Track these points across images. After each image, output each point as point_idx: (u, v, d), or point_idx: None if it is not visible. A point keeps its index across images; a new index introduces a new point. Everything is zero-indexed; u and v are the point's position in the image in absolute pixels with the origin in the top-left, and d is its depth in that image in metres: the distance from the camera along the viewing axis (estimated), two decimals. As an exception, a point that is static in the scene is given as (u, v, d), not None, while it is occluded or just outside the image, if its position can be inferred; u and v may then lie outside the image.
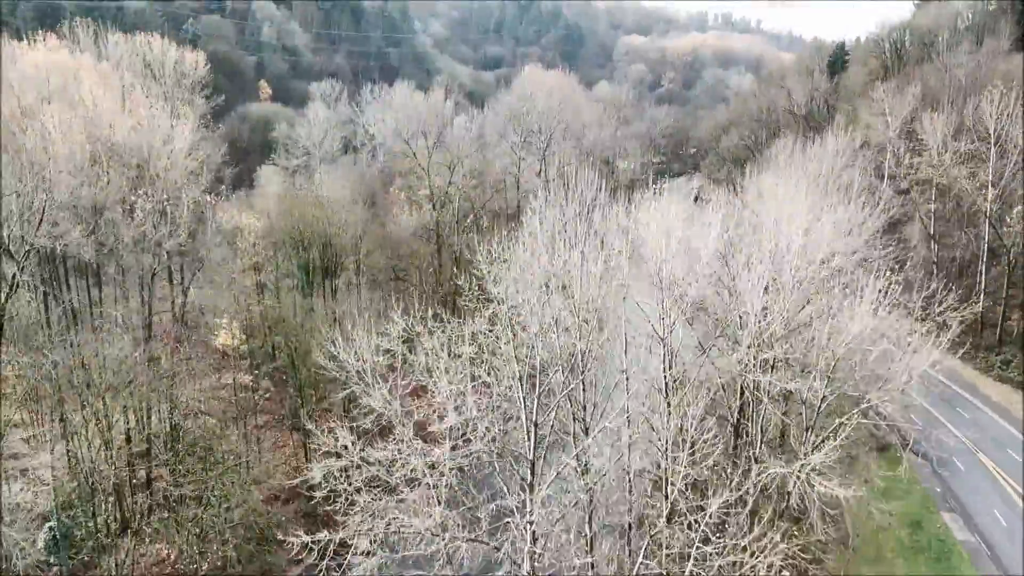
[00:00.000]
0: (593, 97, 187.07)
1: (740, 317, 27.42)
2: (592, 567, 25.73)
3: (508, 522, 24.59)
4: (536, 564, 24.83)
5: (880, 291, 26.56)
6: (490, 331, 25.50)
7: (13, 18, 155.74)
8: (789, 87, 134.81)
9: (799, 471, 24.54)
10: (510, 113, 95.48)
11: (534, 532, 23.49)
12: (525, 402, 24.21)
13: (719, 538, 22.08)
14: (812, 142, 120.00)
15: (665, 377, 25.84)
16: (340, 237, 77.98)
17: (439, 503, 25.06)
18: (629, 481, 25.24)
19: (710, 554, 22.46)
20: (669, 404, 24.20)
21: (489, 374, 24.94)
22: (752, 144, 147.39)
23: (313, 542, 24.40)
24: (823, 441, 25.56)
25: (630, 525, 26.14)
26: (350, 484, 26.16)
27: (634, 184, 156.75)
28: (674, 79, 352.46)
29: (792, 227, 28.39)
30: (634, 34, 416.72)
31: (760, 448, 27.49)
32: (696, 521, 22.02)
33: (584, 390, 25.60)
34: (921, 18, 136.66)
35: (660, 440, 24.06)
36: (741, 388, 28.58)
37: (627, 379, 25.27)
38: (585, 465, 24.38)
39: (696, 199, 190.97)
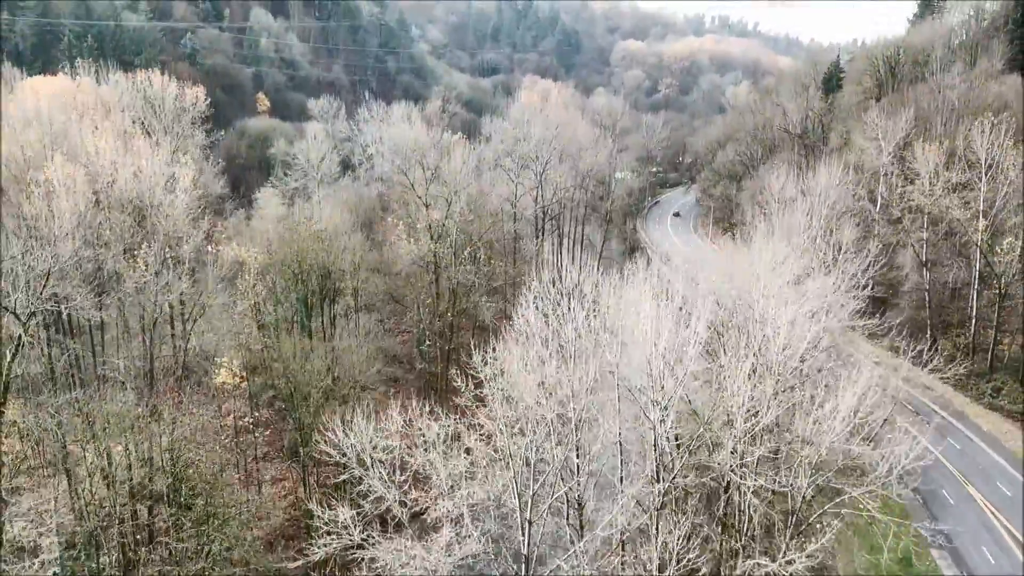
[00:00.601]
0: (590, 108, 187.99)
1: (726, 415, 28.30)
2: None
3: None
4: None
5: (859, 392, 27.41)
6: (489, 420, 26.31)
7: (12, 34, 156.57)
8: (784, 105, 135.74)
9: (783, 568, 25.48)
10: (507, 141, 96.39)
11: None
12: (520, 500, 25.12)
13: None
14: (806, 167, 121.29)
15: (654, 486, 26.72)
16: (339, 263, 79.01)
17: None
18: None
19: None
20: (657, 526, 25.10)
21: (486, 476, 25.77)
22: (748, 160, 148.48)
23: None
24: (807, 527, 26.41)
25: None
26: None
27: (629, 210, 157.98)
28: (671, 85, 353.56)
29: (778, 312, 29.25)
30: (631, 39, 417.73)
31: (746, 538, 28.36)
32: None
33: (580, 495, 26.49)
34: (915, 35, 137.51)
35: (648, 559, 24.94)
36: (728, 482, 29.43)
37: (621, 490, 26.17)
38: (578, 568, 25.27)
39: (697, 201, 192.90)
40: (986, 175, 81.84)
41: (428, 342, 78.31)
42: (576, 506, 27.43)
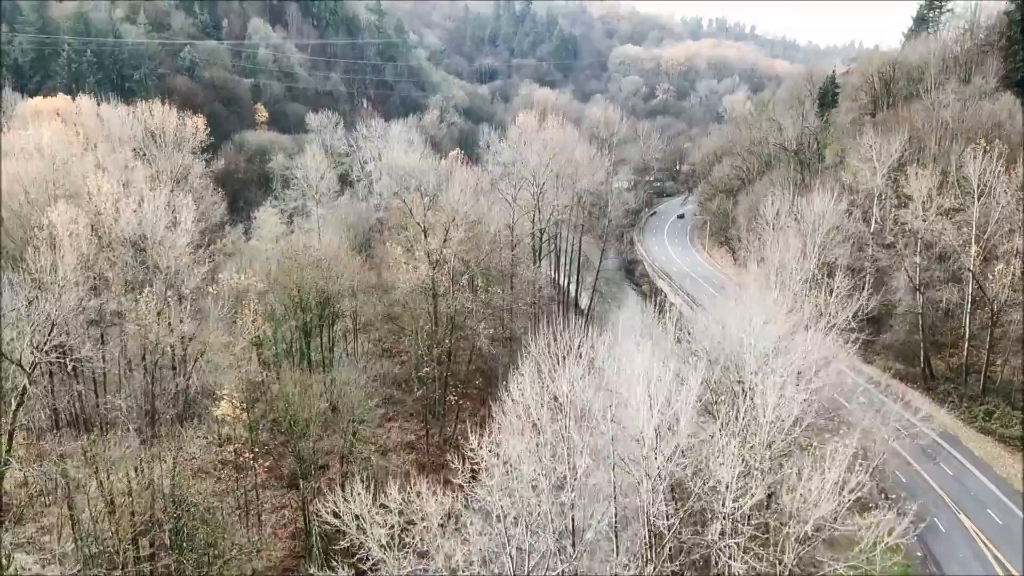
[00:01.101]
0: (588, 119, 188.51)
1: (715, 494, 29.04)
2: None
3: None
4: None
5: (845, 464, 28.17)
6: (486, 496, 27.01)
7: (11, 47, 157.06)
8: (780, 121, 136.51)
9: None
10: (504, 164, 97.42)
11: None
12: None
13: None
14: (802, 183, 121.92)
15: (646, 565, 27.48)
16: (337, 286, 79.88)
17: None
18: None
19: None
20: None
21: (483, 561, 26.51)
22: (744, 175, 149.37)
23: None
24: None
25: None
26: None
27: (626, 225, 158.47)
28: (668, 90, 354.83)
29: (766, 385, 29.99)
30: (629, 43, 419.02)
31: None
32: None
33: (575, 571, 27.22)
34: (910, 51, 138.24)
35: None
36: (715, 560, 30.20)
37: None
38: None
39: (695, 213, 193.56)
40: (978, 200, 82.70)
41: (426, 368, 79.08)
42: (572, 576, 28.25)
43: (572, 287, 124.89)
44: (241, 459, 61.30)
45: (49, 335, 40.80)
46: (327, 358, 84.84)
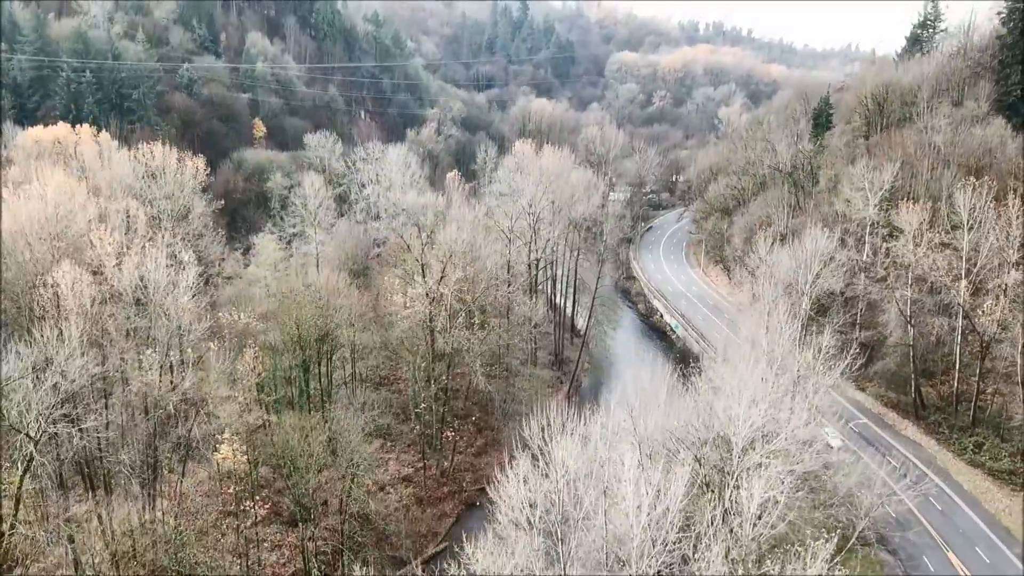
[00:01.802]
0: (583, 133, 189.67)
1: None
2: None
3: None
4: None
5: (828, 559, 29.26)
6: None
7: (11, 66, 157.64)
8: (774, 143, 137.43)
9: None
10: (500, 193, 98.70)
11: None
12: None
13: None
14: (796, 205, 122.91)
15: None
16: (335, 318, 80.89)
17: None
18: None
19: None
20: None
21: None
22: (739, 194, 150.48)
23: None
24: None
25: None
26: None
27: (622, 240, 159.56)
28: (664, 97, 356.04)
29: (752, 482, 31.07)
30: (626, 50, 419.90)
31: None
32: None
33: None
34: (903, 73, 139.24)
35: None
36: None
37: None
38: None
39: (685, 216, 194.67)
40: (968, 235, 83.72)
41: (423, 404, 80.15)
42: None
43: (568, 308, 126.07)
44: (242, 508, 62.27)
45: (55, 406, 41.74)
46: (326, 389, 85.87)
